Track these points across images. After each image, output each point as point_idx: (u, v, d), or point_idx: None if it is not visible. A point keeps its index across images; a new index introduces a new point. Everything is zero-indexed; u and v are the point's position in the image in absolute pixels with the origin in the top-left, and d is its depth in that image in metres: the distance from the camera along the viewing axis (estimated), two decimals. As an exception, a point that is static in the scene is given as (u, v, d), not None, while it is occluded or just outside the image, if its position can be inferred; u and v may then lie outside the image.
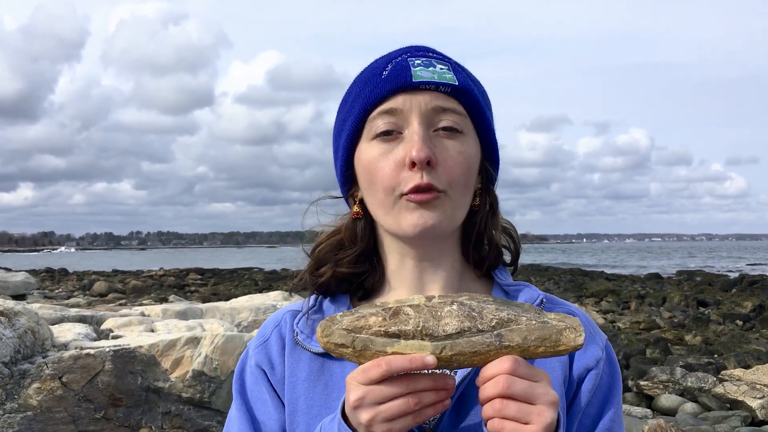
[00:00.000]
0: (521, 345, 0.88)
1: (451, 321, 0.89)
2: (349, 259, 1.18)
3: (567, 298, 20.44)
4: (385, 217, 1.11)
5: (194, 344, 4.59)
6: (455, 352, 0.87)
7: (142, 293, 25.07)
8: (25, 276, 16.07)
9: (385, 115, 1.09)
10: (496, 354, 0.88)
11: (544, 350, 0.89)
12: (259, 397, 1.15)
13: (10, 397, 4.05)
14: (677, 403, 8.23)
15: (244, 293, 16.34)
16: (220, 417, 4.50)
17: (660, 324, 16.06)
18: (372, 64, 1.17)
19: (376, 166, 1.09)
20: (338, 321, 0.91)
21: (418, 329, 0.88)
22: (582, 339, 0.90)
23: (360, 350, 0.89)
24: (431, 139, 1.07)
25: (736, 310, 17.71)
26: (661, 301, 20.57)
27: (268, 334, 1.19)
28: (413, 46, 1.17)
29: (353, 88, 1.17)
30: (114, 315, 6.47)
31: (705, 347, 12.56)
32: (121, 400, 4.28)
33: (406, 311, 0.90)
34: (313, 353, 1.13)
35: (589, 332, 1.16)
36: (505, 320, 0.89)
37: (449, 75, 1.10)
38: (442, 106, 1.08)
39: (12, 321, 4.18)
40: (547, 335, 0.88)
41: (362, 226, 1.19)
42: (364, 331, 0.90)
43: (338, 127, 1.19)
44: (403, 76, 1.09)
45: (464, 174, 1.09)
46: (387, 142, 1.09)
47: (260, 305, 7.49)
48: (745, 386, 8.09)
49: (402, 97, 1.08)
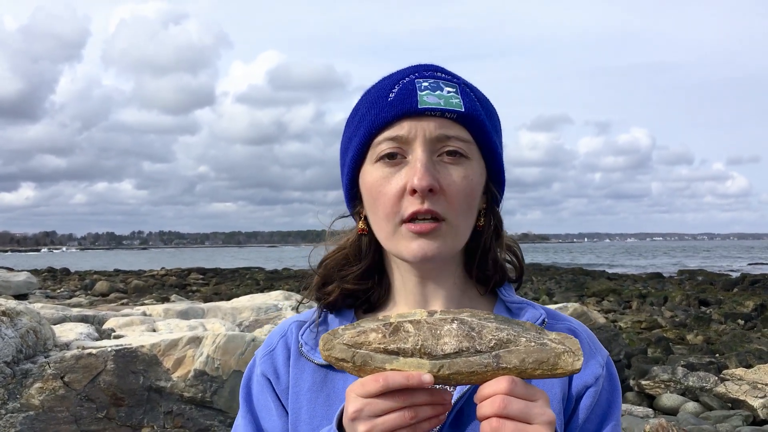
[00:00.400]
0: (518, 367, 0.89)
1: (450, 340, 0.90)
2: (354, 275, 1.20)
3: (568, 297, 20.44)
4: (387, 242, 1.12)
5: (196, 344, 4.60)
6: (452, 372, 0.89)
7: (143, 293, 25.09)
8: (27, 276, 16.09)
9: (390, 141, 1.09)
10: (493, 374, 0.89)
11: (541, 373, 0.89)
12: (264, 405, 1.17)
13: (12, 396, 4.06)
14: (679, 403, 8.23)
15: (246, 293, 16.35)
16: (221, 416, 4.51)
17: (661, 323, 16.05)
18: (380, 83, 1.16)
19: (378, 191, 1.10)
20: (339, 335, 0.93)
21: (417, 347, 0.90)
22: (580, 363, 0.90)
23: (360, 365, 0.91)
24: (434, 165, 1.07)
25: (738, 309, 17.70)
26: (662, 301, 20.57)
27: (275, 344, 1.21)
28: (422, 65, 1.16)
29: (360, 107, 1.17)
30: (116, 315, 6.48)
31: (706, 347, 12.56)
32: (123, 400, 4.29)
33: (406, 328, 0.92)
34: (316, 365, 1.15)
35: (590, 348, 1.17)
36: (504, 341, 0.90)
37: (456, 100, 1.10)
38: (446, 134, 1.08)
39: (14, 321, 4.19)
40: (545, 358, 0.89)
41: (367, 242, 1.20)
42: (364, 347, 0.91)
43: (344, 145, 1.20)
44: (409, 101, 1.08)
45: (466, 199, 1.10)
46: (391, 165, 1.09)
47: (262, 305, 7.49)
48: (747, 386, 8.09)
49: (407, 123, 1.08)
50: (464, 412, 1.07)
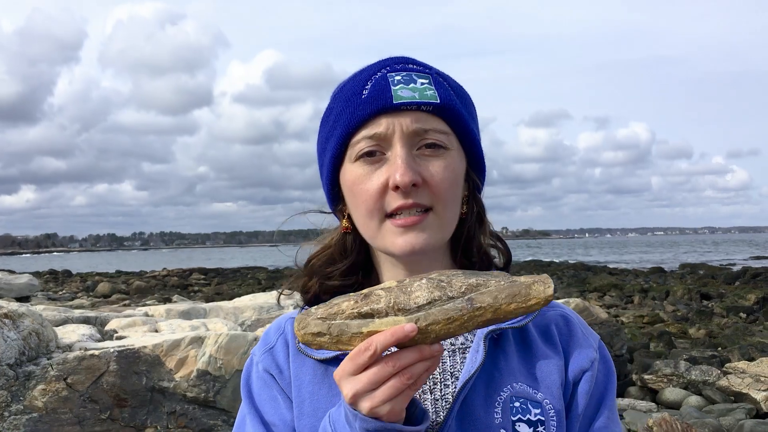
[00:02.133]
0: (492, 305, 0.89)
1: (421, 293, 0.90)
2: (339, 272, 1.20)
3: (570, 293, 20.44)
4: (373, 239, 1.12)
5: (198, 344, 4.60)
6: (429, 322, 0.89)
7: (145, 294, 25.11)
8: (29, 278, 16.11)
9: (368, 139, 1.09)
10: (470, 317, 0.89)
11: (516, 306, 0.90)
12: (268, 399, 1.16)
13: (16, 398, 4.06)
14: (681, 397, 8.23)
15: (248, 292, 16.36)
16: (225, 416, 4.51)
17: (663, 318, 16.06)
18: (351, 79, 1.16)
19: (360, 189, 1.10)
20: (312, 313, 0.93)
21: (390, 305, 0.90)
22: (551, 290, 0.91)
23: (337, 335, 0.91)
24: (415, 159, 1.07)
25: (740, 302, 17.70)
26: (664, 295, 20.57)
27: (274, 341, 1.21)
28: (392, 57, 1.16)
29: (334, 105, 1.16)
30: (118, 316, 6.48)
31: (709, 340, 12.56)
32: (126, 401, 4.29)
33: (377, 293, 0.92)
34: (316, 360, 1.14)
35: (582, 333, 1.18)
36: (474, 285, 0.91)
37: (431, 92, 1.09)
38: (423, 128, 1.08)
39: (16, 323, 4.19)
40: (517, 291, 0.90)
41: (351, 239, 1.20)
42: (338, 317, 0.91)
43: (322, 146, 1.19)
44: (383, 97, 1.08)
45: (450, 190, 1.10)
46: (371, 163, 1.09)
47: (263, 304, 7.50)
48: (750, 379, 8.09)
49: (384, 120, 1.08)
50: (469, 401, 1.07)
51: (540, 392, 1.09)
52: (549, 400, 1.09)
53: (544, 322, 1.18)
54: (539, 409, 1.08)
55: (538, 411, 1.07)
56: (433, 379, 1.12)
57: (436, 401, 1.11)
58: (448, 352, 1.14)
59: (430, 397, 1.11)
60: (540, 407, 1.08)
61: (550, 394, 1.10)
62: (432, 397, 1.11)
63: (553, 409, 1.09)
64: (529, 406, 1.07)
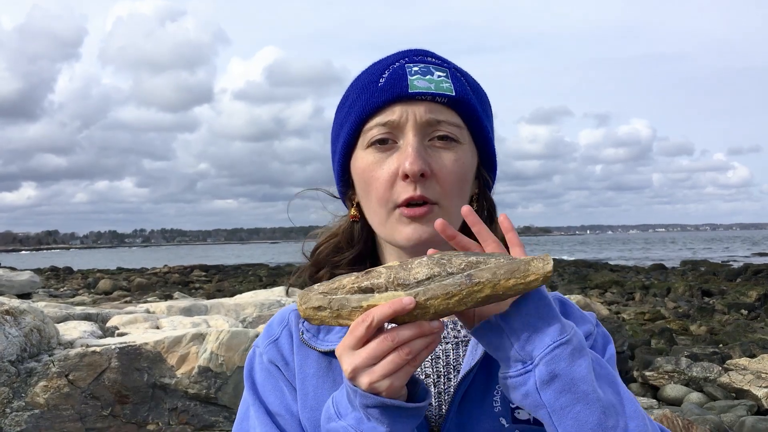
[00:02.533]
0: (491, 280, 0.89)
1: (421, 270, 0.92)
2: (346, 261, 1.20)
3: (572, 290, 20.44)
4: (380, 227, 1.12)
5: (199, 340, 4.60)
6: (428, 297, 0.89)
7: (146, 290, 25.14)
8: (30, 275, 16.11)
9: (381, 126, 1.09)
10: (469, 292, 0.89)
11: (514, 282, 0.90)
12: (273, 390, 1.15)
13: (17, 395, 4.07)
14: (683, 393, 8.23)
15: (249, 289, 16.36)
16: (226, 412, 4.52)
17: (665, 314, 16.06)
18: (369, 68, 1.16)
19: (370, 176, 1.10)
20: (314, 289, 0.95)
21: (390, 281, 0.92)
22: (550, 266, 0.91)
23: (337, 309, 0.92)
24: (426, 149, 1.08)
25: (741, 299, 17.70)
26: (665, 292, 20.57)
27: (278, 333, 1.20)
28: (412, 50, 1.16)
29: (350, 92, 1.16)
30: (119, 312, 6.48)
31: (710, 337, 12.56)
32: (127, 397, 4.30)
33: (378, 270, 0.94)
34: (319, 352, 1.14)
35: (578, 312, 1.19)
36: (474, 263, 0.92)
37: (446, 84, 1.10)
38: (437, 118, 1.08)
39: (18, 320, 4.20)
40: (516, 267, 0.90)
41: (359, 228, 1.20)
42: (339, 292, 0.93)
43: (335, 131, 1.20)
44: (399, 85, 1.08)
45: (458, 184, 1.10)
46: (382, 151, 1.09)
47: (265, 301, 7.50)
48: (751, 375, 8.09)
49: (398, 108, 1.08)
50: (470, 397, 1.07)
51: None
52: None
53: None
54: None
55: None
56: (436, 373, 1.12)
57: (439, 394, 1.11)
58: (452, 345, 1.14)
59: (434, 390, 1.11)
60: None
61: None
62: (435, 390, 1.11)
63: None
64: None
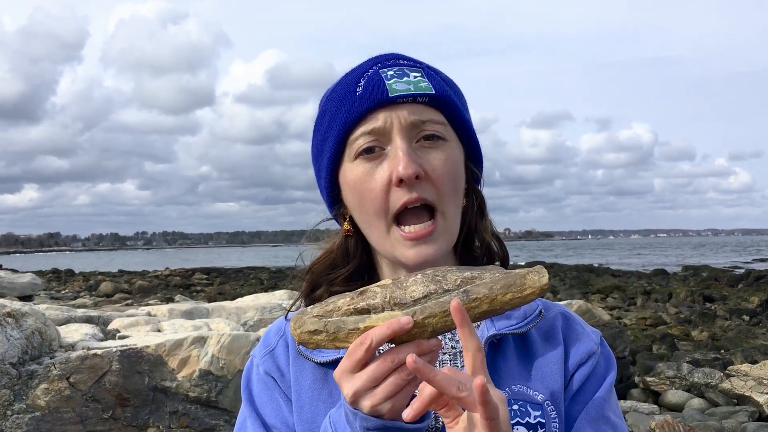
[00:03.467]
0: (488, 295, 0.89)
1: (417, 288, 0.91)
2: (342, 277, 1.18)
3: (573, 294, 20.41)
4: (381, 242, 1.11)
5: (201, 344, 4.60)
6: (426, 315, 0.88)
7: (148, 293, 25.14)
8: (32, 277, 16.13)
9: (366, 135, 1.08)
10: (467, 309, 0.89)
11: (511, 297, 0.89)
12: (269, 402, 1.15)
13: (18, 397, 4.07)
14: (684, 399, 8.21)
15: (250, 292, 16.37)
16: (227, 416, 4.51)
17: (666, 320, 16.03)
18: (342, 79, 1.15)
19: (363, 188, 1.08)
20: (308, 312, 0.93)
21: (386, 300, 0.90)
22: (546, 279, 0.90)
23: (333, 332, 0.90)
24: (415, 151, 1.07)
25: (743, 305, 17.66)
26: (667, 297, 20.53)
27: (274, 343, 1.19)
28: (382, 55, 1.15)
29: (327, 106, 1.15)
30: (120, 315, 6.49)
31: (711, 343, 12.53)
32: (128, 400, 4.30)
33: (372, 290, 0.92)
34: (315, 363, 1.13)
35: (581, 327, 1.18)
36: (470, 278, 0.91)
37: (425, 83, 1.09)
38: (421, 119, 1.08)
39: (19, 322, 4.20)
40: (512, 282, 0.90)
41: (353, 243, 1.19)
42: (334, 314, 0.91)
43: (317, 148, 1.18)
44: (378, 91, 1.07)
45: (452, 182, 1.09)
46: (370, 160, 1.08)
47: (266, 304, 7.50)
48: (752, 381, 8.07)
49: (382, 114, 1.07)
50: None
51: (541, 394, 1.08)
52: (550, 401, 1.08)
53: (546, 324, 1.16)
54: (540, 411, 1.07)
55: (539, 413, 1.06)
56: None
57: None
58: (449, 355, 1.13)
59: None
60: (541, 409, 1.07)
61: (552, 395, 1.08)
62: None
63: (555, 410, 1.07)
64: (529, 409, 1.06)
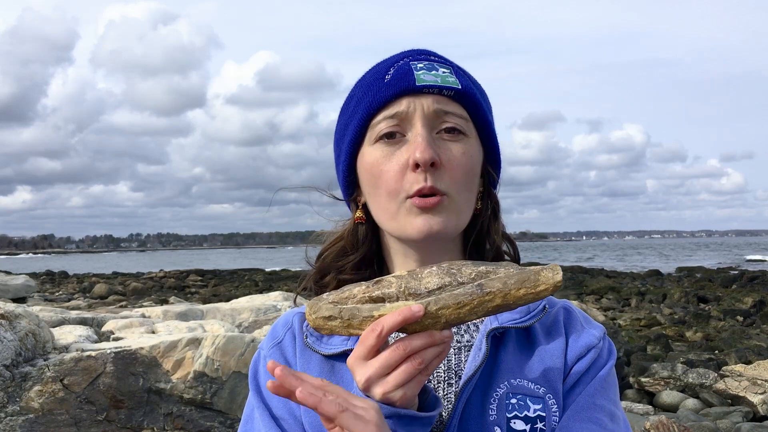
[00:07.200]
0: (502, 290, 0.90)
1: (432, 279, 0.92)
2: (351, 264, 1.19)
3: (568, 295, 20.44)
4: (390, 221, 1.12)
5: (195, 345, 4.59)
6: (440, 306, 0.90)
7: (142, 295, 25.08)
8: (26, 279, 16.05)
9: (389, 119, 1.10)
10: (480, 302, 0.90)
11: (525, 292, 0.91)
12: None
13: (12, 399, 4.05)
14: (678, 400, 8.24)
15: (245, 294, 16.34)
16: (221, 418, 4.51)
17: (660, 320, 16.08)
18: (374, 68, 1.17)
19: (379, 169, 1.10)
20: (324, 298, 0.95)
21: (401, 290, 0.92)
22: (560, 276, 0.93)
23: (348, 319, 0.92)
24: (434, 141, 1.08)
25: (737, 305, 17.72)
26: (661, 298, 20.59)
27: (282, 335, 1.20)
28: (415, 49, 1.17)
29: (355, 92, 1.17)
30: (115, 317, 6.47)
31: (706, 343, 12.58)
32: (122, 402, 4.28)
33: (388, 279, 0.94)
34: (322, 356, 1.14)
35: (584, 320, 1.19)
36: (484, 272, 0.93)
37: (452, 78, 1.11)
38: (444, 109, 1.09)
39: (13, 324, 4.19)
40: (526, 277, 0.91)
41: (364, 230, 1.20)
42: (349, 302, 0.93)
43: (340, 132, 1.20)
44: (406, 79, 1.09)
45: (467, 175, 1.10)
46: (390, 144, 1.10)
47: (261, 306, 7.49)
48: (746, 382, 8.10)
49: (406, 100, 1.09)
50: (470, 401, 1.07)
51: (542, 387, 1.09)
52: (552, 395, 1.08)
53: (550, 319, 1.17)
54: (540, 404, 1.07)
55: (539, 407, 1.07)
56: (437, 378, 1.12)
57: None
58: (454, 350, 1.14)
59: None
60: (542, 402, 1.07)
61: (553, 389, 1.09)
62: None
63: (557, 404, 1.08)
64: (528, 402, 1.07)
